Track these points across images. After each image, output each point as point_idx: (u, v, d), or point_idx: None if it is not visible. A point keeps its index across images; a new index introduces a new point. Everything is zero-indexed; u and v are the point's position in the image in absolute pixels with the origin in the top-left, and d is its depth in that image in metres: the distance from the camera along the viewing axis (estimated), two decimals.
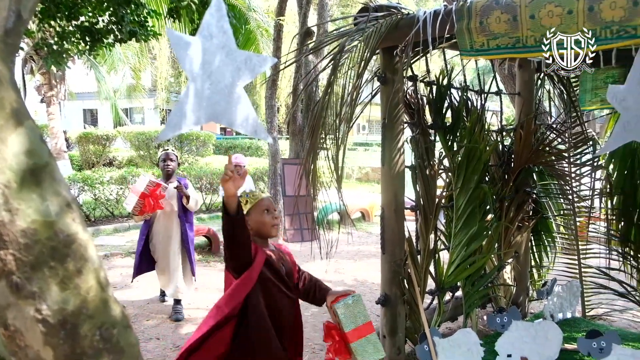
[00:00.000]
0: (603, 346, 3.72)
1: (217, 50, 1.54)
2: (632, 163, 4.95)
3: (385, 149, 3.48)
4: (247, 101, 1.66)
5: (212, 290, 6.11)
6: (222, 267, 7.20)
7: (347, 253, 8.40)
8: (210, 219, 11.00)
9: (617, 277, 5.00)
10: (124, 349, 1.35)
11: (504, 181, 4.38)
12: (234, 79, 1.61)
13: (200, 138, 15.32)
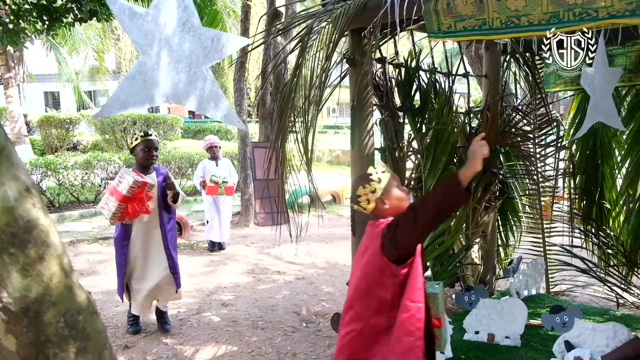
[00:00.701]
0: (566, 321, 3.86)
1: (177, 26, 1.47)
2: (594, 143, 5.10)
3: (354, 132, 3.48)
4: (216, 84, 1.59)
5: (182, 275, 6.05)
6: (192, 253, 7.14)
7: (318, 236, 8.42)
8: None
9: (580, 254, 5.19)
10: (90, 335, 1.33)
11: None
12: (198, 58, 1.54)
13: (168, 121, 15.03)
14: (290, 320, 4.59)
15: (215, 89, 1.59)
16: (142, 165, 3.98)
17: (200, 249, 7.50)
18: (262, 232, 8.66)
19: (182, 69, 1.53)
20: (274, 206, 9.23)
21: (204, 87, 1.58)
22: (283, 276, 6.10)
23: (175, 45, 1.51)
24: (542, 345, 3.82)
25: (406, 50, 4.05)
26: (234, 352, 3.88)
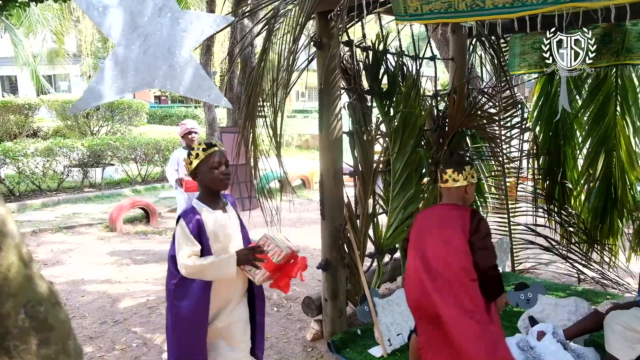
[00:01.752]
0: (530, 297, 3.98)
1: (152, 12, 1.42)
2: (556, 125, 5.22)
3: (322, 115, 3.46)
4: (198, 66, 1.54)
5: (151, 262, 5.98)
6: (160, 240, 7.04)
7: (289, 220, 8.43)
8: (147, 190, 10.68)
9: (543, 232, 5.34)
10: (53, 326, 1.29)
11: (439, 145, 4.50)
12: (178, 41, 1.50)
13: (133, 107, 14.68)
14: None
15: (198, 71, 1.55)
16: (212, 192, 2.50)
17: (169, 235, 7.40)
18: None
19: (162, 54, 1.49)
20: (244, 191, 9.16)
21: (188, 71, 1.54)
22: None
23: (153, 32, 1.46)
24: (507, 321, 3.93)
25: (374, 33, 4.04)
26: None
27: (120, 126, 14.31)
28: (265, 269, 2.35)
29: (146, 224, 8.03)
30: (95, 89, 1.38)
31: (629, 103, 4.89)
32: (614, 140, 4.95)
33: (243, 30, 7.80)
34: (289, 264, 2.50)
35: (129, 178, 11.30)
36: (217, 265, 2.27)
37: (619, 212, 5.06)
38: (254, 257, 2.29)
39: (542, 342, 3.06)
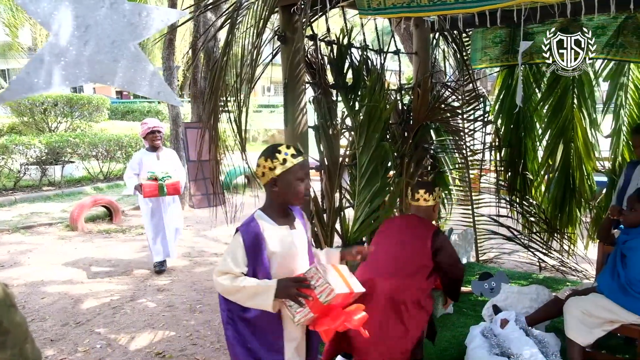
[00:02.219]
0: (493, 286, 4.08)
1: (96, 1, 1.37)
2: (517, 117, 5.34)
3: (287, 110, 3.44)
4: (146, 60, 1.49)
5: (114, 261, 5.84)
6: (124, 239, 6.89)
7: None
8: (109, 188, 10.42)
9: (506, 223, 5.47)
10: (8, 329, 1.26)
11: (404, 138, 4.54)
12: (124, 35, 1.44)
13: (93, 102, 14.26)
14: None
15: (145, 65, 1.49)
16: (283, 205, 2.11)
17: (133, 234, 7.25)
18: (197, 215, 8.49)
19: (105, 48, 1.43)
20: (209, 188, 9.04)
21: (133, 65, 1.48)
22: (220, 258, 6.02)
23: (95, 24, 1.40)
24: (472, 310, 4.02)
25: (338, 27, 4.03)
26: (171, 337, 3.81)
27: (80, 122, 13.88)
28: (310, 309, 1.86)
29: (109, 222, 7.84)
30: (26, 80, 1.29)
31: (585, 96, 5.04)
32: (572, 132, 5.10)
33: (206, 23, 7.67)
34: (341, 308, 1.97)
35: (90, 175, 11.00)
36: (252, 292, 1.88)
37: (577, 201, 5.23)
38: (297, 290, 1.85)
39: (505, 330, 3.13)
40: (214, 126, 3.40)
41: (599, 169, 5.25)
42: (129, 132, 11.83)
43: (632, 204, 2.87)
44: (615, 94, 5.00)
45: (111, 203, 7.91)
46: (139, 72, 1.50)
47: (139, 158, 5.21)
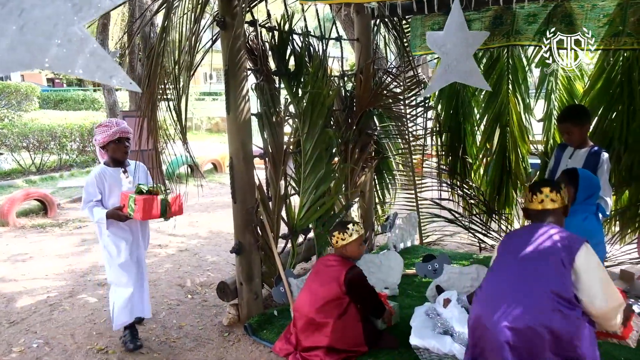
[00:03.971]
0: (436, 267, 4.21)
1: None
2: (456, 103, 5.50)
3: (229, 97, 3.37)
4: (95, 44, 1.39)
5: (50, 257, 5.58)
6: (60, 233, 6.60)
7: (200, 206, 8.23)
8: (43, 180, 9.92)
9: (447, 206, 5.64)
10: None
11: (348, 125, 4.57)
12: (68, 16, 1.34)
13: (21, 90, 13.48)
14: (175, 294, 4.47)
15: (97, 50, 1.39)
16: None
17: (70, 227, 6.94)
18: None
19: (46, 32, 1.32)
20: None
21: (81, 49, 1.38)
22: (165, 249, 5.88)
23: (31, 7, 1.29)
24: (417, 292, 4.13)
25: (279, 13, 3.98)
26: (114, 332, 3.69)
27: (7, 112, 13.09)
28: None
29: (44, 216, 7.47)
30: None
31: (519, 82, 5.25)
32: (507, 117, 5.31)
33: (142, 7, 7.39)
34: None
35: (21, 168, 10.41)
36: None
37: (513, 183, 5.46)
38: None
39: (447, 309, 3.23)
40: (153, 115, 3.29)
41: (533, 152, 5.49)
42: (62, 122, 11.27)
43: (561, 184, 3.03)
44: (547, 80, 5.24)
45: (45, 196, 7.53)
46: (88, 56, 1.40)
47: (98, 180, 3.35)
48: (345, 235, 3.09)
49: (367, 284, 3.12)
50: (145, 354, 3.38)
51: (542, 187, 2.29)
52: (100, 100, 15.87)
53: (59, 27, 1.35)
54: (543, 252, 2.11)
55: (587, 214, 2.97)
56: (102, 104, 12.93)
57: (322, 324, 3.00)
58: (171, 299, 4.33)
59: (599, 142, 4.50)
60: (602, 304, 2.03)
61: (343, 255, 3.15)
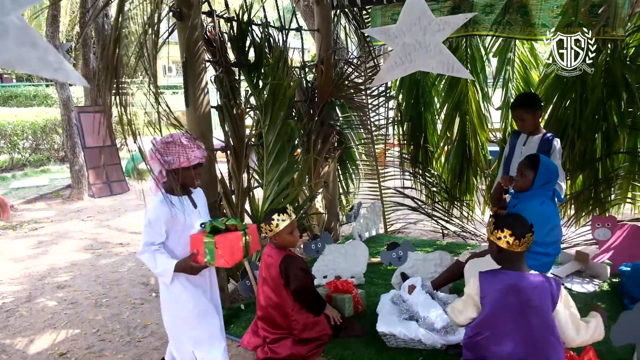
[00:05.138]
0: (400, 255, 4.26)
1: None
2: (417, 93, 5.56)
3: (188, 90, 3.30)
4: (35, 33, 1.30)
5: (5, 261, 5.37)
6: (15, 235, 6.36)
7: None
8: None
9: (410, 194, 5.72)
10: None
11: (310, 116, 4.56)
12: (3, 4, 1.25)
13: None
14: (138, 293, 4.37)
15: (35, 39, 1.29)
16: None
17: (25, 229, 6.69)
18: (99, 204, 8.01)
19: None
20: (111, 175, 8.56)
21: (19, 40, 1.28)
22: (127, 248, 5.74)
23: None
24: (382, 280, 4.17)
25: (237, 3, 3.91)
26: (76, 335, 3.59)
27: None
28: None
29: None
30: None
31: (477, 71, 5.35)
32: (467, 105, 5.41)
33: None
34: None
35: None
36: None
37: (474, 170, 5.58)
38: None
39: (412, 295, 3.28)
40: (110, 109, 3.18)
41: (492, 139, 5.62)
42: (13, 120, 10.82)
43: (521, 170, 3.10)
44: (504, 69, 5.36)
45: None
46: (28, 47, 1.30)
47: (165, 214, 2.45)
48: (271, 226, 2.87)
49: (300, 274, 2.88)
50: (110, 356, 3.30)
51: (506, 228, 2.15)
52: (54, 95, 15.30)
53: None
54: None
55: (544, 199, 3.06)
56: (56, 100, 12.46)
57: (282, 316, 2.98)
58: (135, 298, 4.24)
59: (554, 130, 4.65)
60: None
61: (277, 244, 3.00)
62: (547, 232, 2.96)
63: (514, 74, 5.40)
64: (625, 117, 4.53)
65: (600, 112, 4.55)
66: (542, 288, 2.13)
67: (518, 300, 2.13)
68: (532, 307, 2.11)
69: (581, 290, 3.89)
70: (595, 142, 4.69)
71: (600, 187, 4.81)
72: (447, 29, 3.19)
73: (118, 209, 7.65)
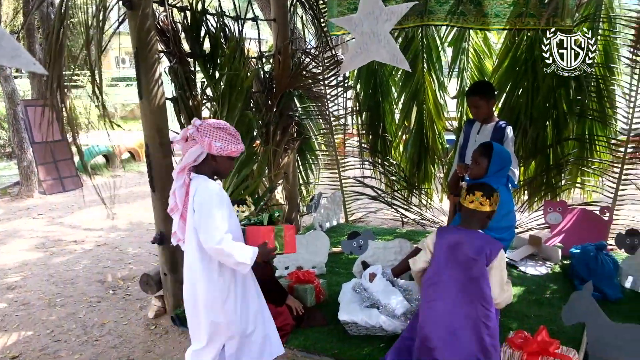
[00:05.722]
0: (361, 244, 4.30)
1: None
2: (375, 82, 5.59)
3: (141, 81, 3.20)
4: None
5: None
6: None
7: (119, 197, 7.86)
8: None
9: (370, 183, 5.77)
10: None
11: (268, 107, 4.52)
12: None
13: None
14: (94, 291, 4.25)
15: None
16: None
17: None
18: (50, 201, 7.73)
19: None
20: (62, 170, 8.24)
21: None
22: (81, 245, 5.56)
23: None
24: (344, 269, 4.20)
25: None
26: (29, 337, 3.46)
27: None
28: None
29: None
30: None
31: (433, 61, 5.42)
32: (423, 95, 5.48)
33: None
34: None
35: None
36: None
37: (431, 159, 5.68)
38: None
39: (373, 283, 3.32)
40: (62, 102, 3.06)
41: (448, 128, 5.73)
42: None
43: (475, 158, 3.17)
44: (459, 59, 5.45)
45: None
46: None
47: (225, 197, 2.33)
48: (243, 207, 2.99)
49: (261, 265, 2.63)
50: (66, 356, 3.20)
51: (476, 190, 2.46)
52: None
53: None
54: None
55: (498, 185, 3.14)
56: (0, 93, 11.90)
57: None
58: (91, 297, 4.12)
59: (507, 118, 4.77)
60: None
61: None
62: (502, 218, 3.03)
63: (469, 64, 5.50)
64: (574, 105, 4.70)
65: (550, 100, 4.69)
66: (480, 247, 2.43)
67: (460, 253, 2.45)
68: (471, 260, 2.42)
69: (534, 273, 4.03)
70: (547, 129, 4.85)
71: (552, 173, 4.98)
72: (393, 19, 3.25)
73: (71, 205, 7.40)
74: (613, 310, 3.32)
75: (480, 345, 2.40)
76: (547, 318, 3.29)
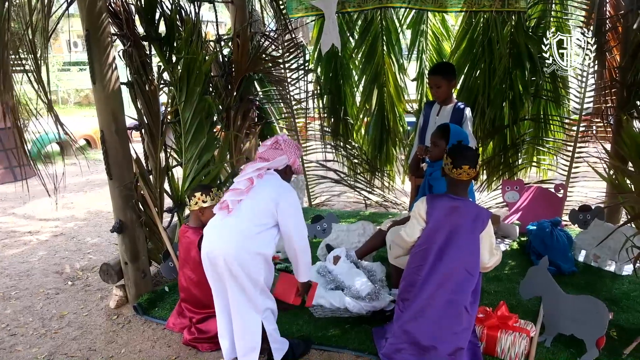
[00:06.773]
0: (325, 227, 4.32)
1: None
2: (335, 66, 5.57)
3: (94, 65, 3.08)
4: None
5: None
6: None
7: (76, 185, 7.64)
8: None
9: (333, 167, 5.78)
10: None
11: (228, 91, 4.44)
12: None
13: None
14: (52, 282, 4.13)
15: None
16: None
17: None
18: (1, 191, 7.43)
19: None
20: (13, 160, 7.93)
21: None
22: (36, 236, 5.38)
23: None
24: None
25: None
26: None
27: None
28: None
29: None
30: None
31: (392, 43, 5.44)
32: (384, 77, 5.50)
33: None
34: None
35: None
36: None
37: (393, 141, 5.73)
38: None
39: (337, 265, 3.35)
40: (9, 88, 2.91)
41: (409, 110, 5.78)
42: None
43: (433, 140, 3.22)
44: (417, 41, 5.49)
45: None
46: None
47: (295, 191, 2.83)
48: (207, 198, 3.01)
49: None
50: (23, 350, 3.11)
51: (463, 165, 2.50)
52: None
53: None
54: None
55: None
56: None
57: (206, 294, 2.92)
58: (48, 288, 4.00)
59: (465, 99, 4.86)
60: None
61: (194, 224, 3.08)
62: None
63: (427, 46, 5.56)
64: (529, 86, 4.81)
65: (507, 81, 4.80)
66: (476, 214, 2.54)
67: (457, 217, 2.51)
68: (465, 227, 2.50)
69: None
70: (503, 110, 4.96)
71: (509, 153, 5.12)
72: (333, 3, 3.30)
73: (24, 195, 7.13)
74: (568, 283, 3.48)
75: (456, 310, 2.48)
76: (507, 293, 3.41)
